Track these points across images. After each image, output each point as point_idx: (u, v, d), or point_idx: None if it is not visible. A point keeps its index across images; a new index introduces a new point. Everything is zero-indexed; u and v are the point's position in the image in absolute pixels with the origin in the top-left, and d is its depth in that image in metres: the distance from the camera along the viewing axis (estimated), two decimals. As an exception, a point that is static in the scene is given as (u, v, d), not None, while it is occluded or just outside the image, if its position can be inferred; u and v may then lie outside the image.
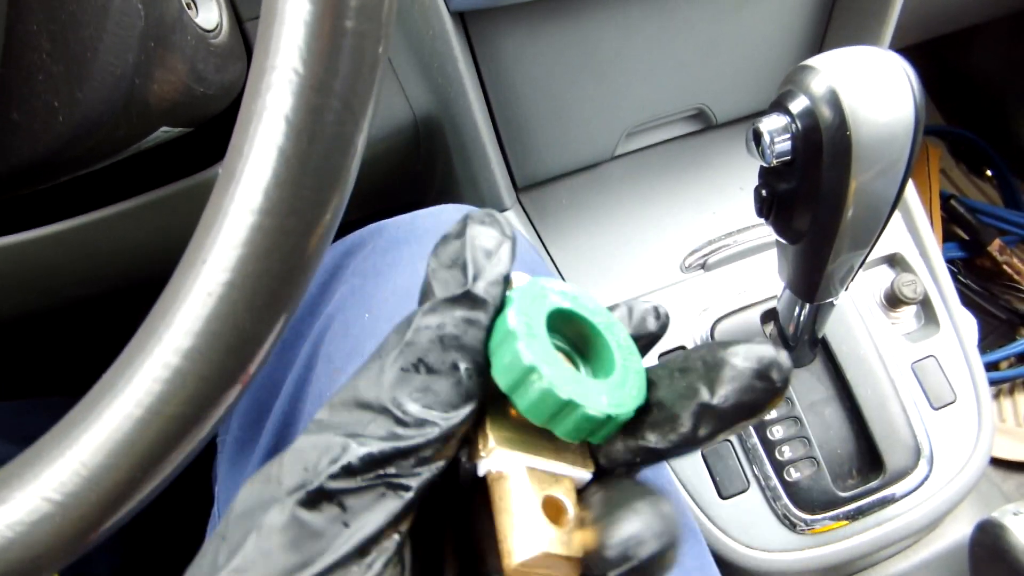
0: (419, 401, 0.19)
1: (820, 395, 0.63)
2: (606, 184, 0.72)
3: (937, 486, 0.63)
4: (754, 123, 0.43)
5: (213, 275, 0.21)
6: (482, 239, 0.21)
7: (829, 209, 0.44)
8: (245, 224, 0.20)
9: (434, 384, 0.20)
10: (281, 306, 0.22)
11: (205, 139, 0.52)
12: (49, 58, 0.35)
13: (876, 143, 0.41)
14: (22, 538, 0.22)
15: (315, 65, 0.20)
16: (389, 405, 0.19)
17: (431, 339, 0.20)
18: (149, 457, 0.23)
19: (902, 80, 0.41)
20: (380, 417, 0.19)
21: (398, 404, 0.19)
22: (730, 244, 0.67)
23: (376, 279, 0.45)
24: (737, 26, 0.66)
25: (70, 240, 0.53)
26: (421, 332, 0.20)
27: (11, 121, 0.36)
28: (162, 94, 0.42)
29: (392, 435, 0.19)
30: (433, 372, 0.20)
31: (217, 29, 0.48)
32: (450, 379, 0.20)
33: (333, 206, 0.21)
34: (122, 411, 0.22)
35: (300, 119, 0.20)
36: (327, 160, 0.21)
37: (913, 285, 0.66)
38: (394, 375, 0.20)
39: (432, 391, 0.19)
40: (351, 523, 0.18)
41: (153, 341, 0.21)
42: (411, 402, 0.19)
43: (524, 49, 0.61)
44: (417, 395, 0.19)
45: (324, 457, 0.19)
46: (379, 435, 0.19)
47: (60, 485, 0.22)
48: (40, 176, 0.41)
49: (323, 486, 0.18)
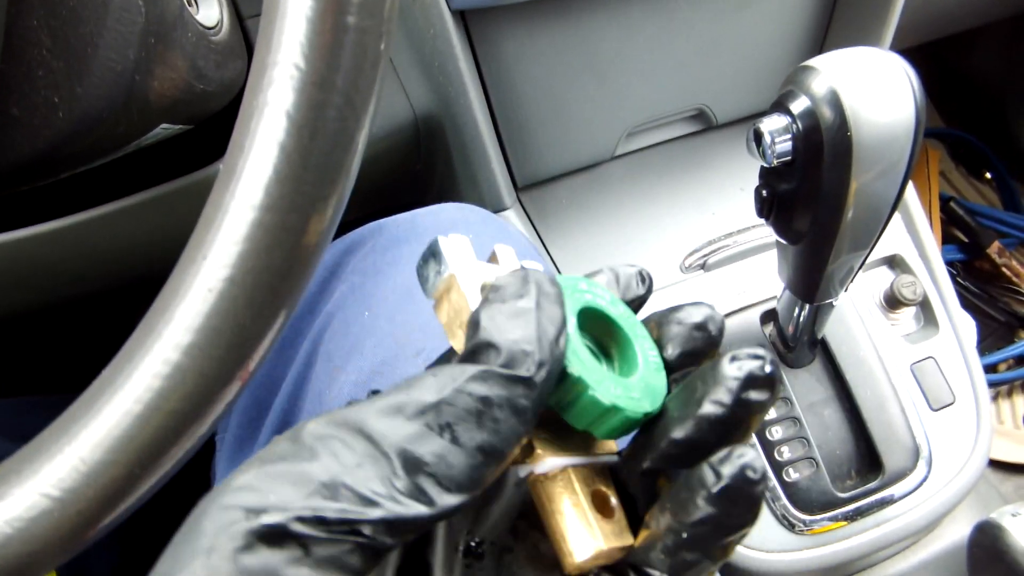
0: (428, 468, 0.18)
1: (819, 396, 0.63)
2: (606, 184, 0.72)
3: (936, 487, 0.63)
4: (755, 123, 0.43)
5: (213, 271, 0.21)
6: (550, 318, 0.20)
7: (829, 210, 0.44)
8: (246, 220, 0.20)
9: (452, 456, 0.18)
10: (281, 302, 0.22)
11: (205, 137, 0.52)
12: (49, 54, 0.35)
13: (877, 144, 0.41)
14: (20, 534, 0.22)
15: (317, 61, 0.20)
16: (394, 456, 0.18)
17: (469, 410, 0.18)
18: (148, 453, 0.22)
19: (903, 81, 0.41)
20: (381, 460, 0.17)
21: (404, 460, 0.18)
22: (730, 244, 0.67)
23: (376, 277, 0.45)
24: (738, 27, 0.66)
25: (69, 237, 0.53)
26: (462, 397, 0.18)
27: (11, 116, 0.36)
28: (162, 91, 0.41)
29: (384, 491, 0.17)
30: (457, 444, 0.18)
31: (217, 26, 0.48)
32: (470, 460, 0.18)
33: (334, 202, 0.21)
34: (121, 407, 0.22)
35: (302, 115, 0.20)
36: (329, 156, 0.21)
37: (913, 286, 0.66)
38: (415, 429, 0.18)
39: (447, 463, 0.18)
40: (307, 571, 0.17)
41: (153, 337, 0.21)
42: (420, 466, 0.18)
43: (525, 48, 0.61)
44: (431, 459, 0.18)
45: (301, 492, 0.17)
46: (369, 485, 0.17)
47: (59, 481, 0.22)
48: (40, 172, 0.41)
49: (288, 526, 0.17)
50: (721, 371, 0.20)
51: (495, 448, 0.18)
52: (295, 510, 0.17)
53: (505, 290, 0.20)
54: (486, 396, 0.18)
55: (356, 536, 0.17)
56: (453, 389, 0.18)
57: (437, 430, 0.18)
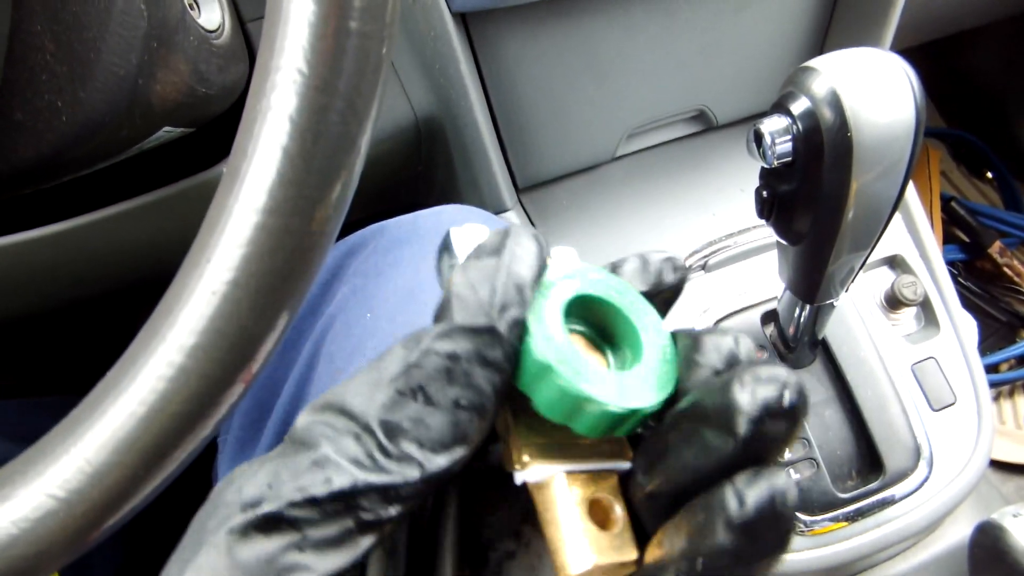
0: (408, 433, 0.18)
1: (820, 396, 0.63)
2: (607, 185, 0.72)
3: (936, 488, 0.63)
4: (755, 124, 0.44)
5: (217, 274, 0.21)
6: (520, 266, 0.19)
7: (830, 210, 0.44)
8: (249, 223, 0.21)
9: (429, 417, 0.18)
10: (284, 305, 0.22)
11: (206, 140, 0.52)
12: (53, 58, 0.36)
13: (877, 144, 0.41)
14: (26, 534, 0.22)
15: (319, 65, 0.20)
16: (375, 427, 0.18)
17: (438, 368, 0.18)
18: (152, 455, 0.23)
19: (903, 81, 0.41)
20: (363, 435, 0.18)
21: (386, 429, 0.18)
22: (731, 245, 0.67)
23: (377, 279, 0.45)
24: (738, 28, 0.66)
25: (71, 240, 0.54)
26: (429, 357, 0.18)
27: (15, 121, 0.37)
28: (165, 94, 0.42)
29: (370, 461, 0.17)
30: (431, 404, 0.18)
31: (219, 30, 0.49)
32: (448, 416, 0.18)
33: (337, 205, 0.21)
34: (126, 409, 0.22)
35: (304, 119, 0.20)
36: (331, 160, 0.21)
37: (913, 287, 0.66)
38: (389, 396, 0.18)
39: (425, 424, 0.18)
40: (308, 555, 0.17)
41: (157, 339, 0.22)
42: (399, 432, 0.18)
43: (525, 50, 0.61)
44: (408, 424, 0.18)
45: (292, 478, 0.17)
46: (354, 457, 0.17)
47: (64, 482, 0.22)
48: (43, 176, 0.41)
49: (282, 512, 0.17)
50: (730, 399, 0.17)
51: (472, 402, 0.18)
52: (287, 496, 0.17)
53: (481, 248, 0.20)
54: (452, 352, 0.18)
55: (352, 513, 0.17)
56: (419, 352, 0.18)
57: (410, 394, 0.18)
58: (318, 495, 0.17)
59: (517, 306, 0.19)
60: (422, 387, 0.18)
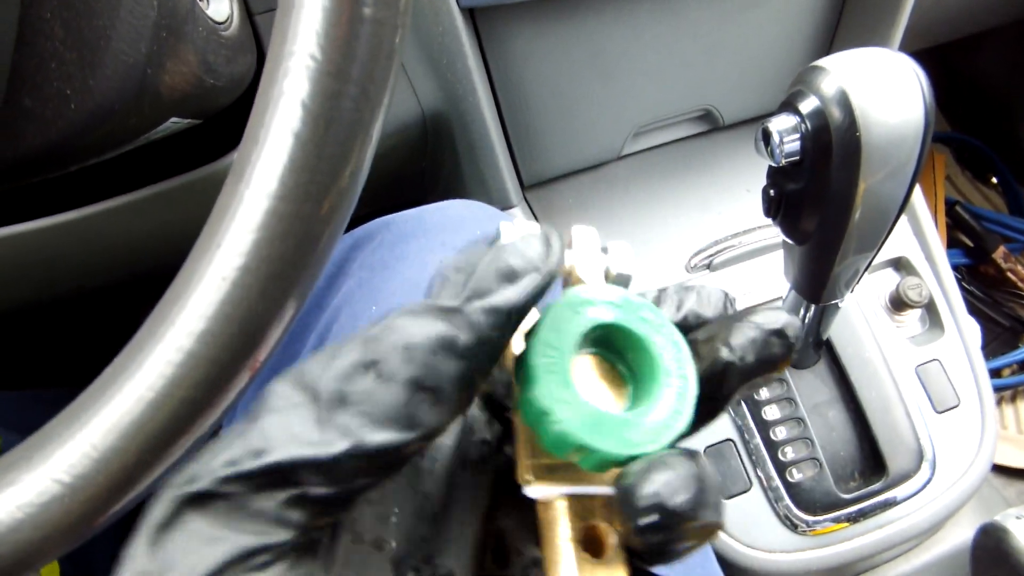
0: (353, 407, 0.17)
1: (824, 397, 0.63)
2: (612, 184, 0.72)
3: (939, 490, 0.63)
4: (764, 123, 0.44)
5: (228, 259, 0.21)
6: (513, 256, 0.18)
7: (837, 210, 0.44)
8: (260, 209, 0.20)
9: (378, 393, 0.17)
10: (294, 291, 0.22)
11: (212, 133, 0.52)
12: (62, 45, 0.36)
13: (886, 144, 0.41)
14: (31, 519, 0.22)
15: (333, 51, 0.20)
16: (323, 394, 0.17)
17: (395, 344, 0.17)
18: (159, 441, 0.23)
19: (912, 82, 0.41)
20: (310, 405, 0.17)
21: (335, 398, 0.17)
22: (736, 245, 0.67)
23: (384, 272, 0.45)
24: (745, 27, 0.66)
25: (75, 231, 0.54)
26: (389, 332, 0.17)
27: (23, 108, 0.37)
28: (173, 84, 0.42)
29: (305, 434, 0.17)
30: (383, 380, 0.17)
31: (228, 21, 0.49)
32: (398, 396, 0.17)
33: (349, 193, 0.21)
34: (134, 394, 0.22)
35: (317, 105, 0.20)
36: (344, 146, 0.21)
37: (918, 289, 0.66)
38: (344, 366, 0.17)
39: (372, 400, 0.17)
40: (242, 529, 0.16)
41: (166, 324, 0.21)
42: (346, 402, 0.17)
43: (533, 47, 0.61)
44: (356, 397, 0.17)
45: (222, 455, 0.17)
46: (291, 429, 0.17)
47: (70, 467, 0.22)
48: (51, 164, 0.41)
49: (215, 490, 0.16)
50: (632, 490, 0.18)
51: (425, 384, 0.17)
52: (218, 470, 0.17)
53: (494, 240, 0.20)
54: (413, 331, 0.17)
55: (289, 487, 0.17)
56: (382, 326, 0.18)
57: (363, 368, 0.17)
58: (249, 469, 0.16)
59: (493, 294, 0.18)
60: (376, 362, 0.17)
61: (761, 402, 0.61)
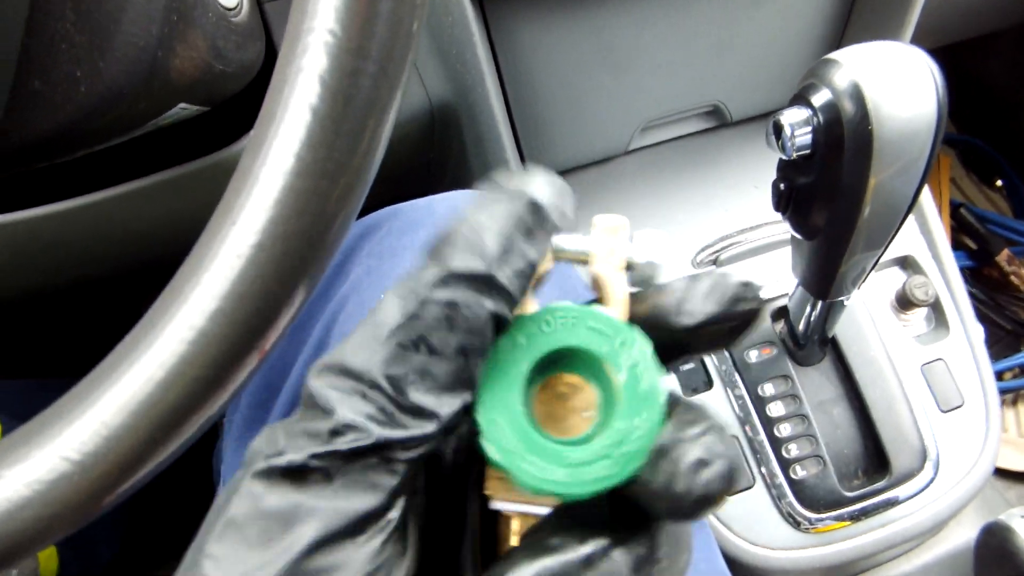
0: (417, 385, 0.17)
1: (828, 394, 0.63)
2: (619, 179, 0.72)
3: (942, 490, 0.63)
4: (775, 115, 0.43)
5: (243, 237, 0.21)
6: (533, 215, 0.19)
7: (847, 205, 0.44)
8: (276, 186, 0.20)
9: (434, 367, 0.18)
10: (308, 271, 0.22)
11: (220, 120, 0.52)
12: (73, 28, 0.35)
13: (898, 138, 0.41)
14: (40, 496, 0.22)
15: (352, 28, 0.20)
16: (382, 382, 0.17)
17: (438, 317, 0.18)
18: (169, 420, 0.22)
19: (926, 76, 0.41)
20: (371, 392, 0.17)
21: (394, 384, 0.17)
22: (743, 241, 0.67)
23: (392, 260, 0.45)
24: (754, 23, 0.66)
25: (81, 218, 0.53)
26: (428, 307, 0.18)
27: (33, 91, 0.36)
28: (183, 69, 0.41)
29: (385, 417, 0.17)
30: (435, 354, 0.18)
31: (237, 8, 0.48)
32: (453, 363, 0.18)
33: (366, 171, 0.21)
34: (145, 372, 0.22)
35: (336, 81, 0.20)
36: (362, 124, 0.20)
37: (925, 288, 0.65)
38: (390, 351, 0.17)
39: (431, 375, 0.18)
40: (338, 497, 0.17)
41: (179, 302, 0.21)
42: (409, 384, 0.17)
43: (541, 39, 0.61)
44: (414, 377, 0.17)
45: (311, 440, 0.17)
46: (368, 412, 0.17)
47: (80, 444, 0.22)
48: (59, 148, 0.41)
49: (305, 463, 0.17)
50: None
51: (475, 347, 0.18)
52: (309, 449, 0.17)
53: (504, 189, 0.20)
54: (451, 300, 0.18)
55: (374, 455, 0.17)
56: (417, 302, 0.18)
57: (412, 347, 0.18)
58: (342, 450, 0.17)
59: (520, 255, 0.18)
60: (424, 338, 0.18)
61: (766, 399, 0.61)
